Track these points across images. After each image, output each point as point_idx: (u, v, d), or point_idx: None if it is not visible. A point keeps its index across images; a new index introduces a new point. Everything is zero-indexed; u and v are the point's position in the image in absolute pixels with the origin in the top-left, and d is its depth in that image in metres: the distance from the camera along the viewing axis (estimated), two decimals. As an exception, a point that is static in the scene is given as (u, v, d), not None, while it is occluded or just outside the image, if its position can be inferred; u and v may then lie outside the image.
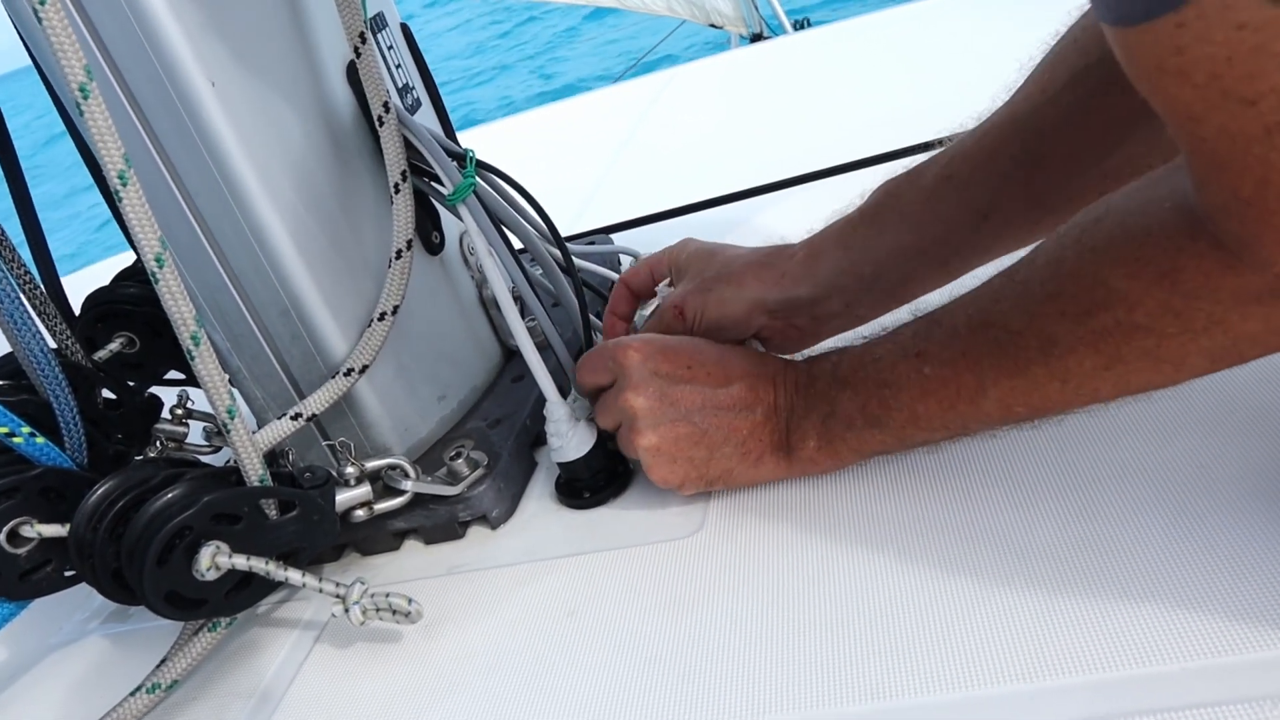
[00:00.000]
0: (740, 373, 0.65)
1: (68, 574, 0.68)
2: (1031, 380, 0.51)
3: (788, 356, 0.68)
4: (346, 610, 0.63)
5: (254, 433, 0.65)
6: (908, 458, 0.64)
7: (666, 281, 0.77)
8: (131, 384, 0.80)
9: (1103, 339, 0.47)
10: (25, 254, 0.74)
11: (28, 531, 0.64)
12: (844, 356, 0.62)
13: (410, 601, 0.63)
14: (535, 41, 13.26)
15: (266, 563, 0.63)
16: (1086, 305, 0.48)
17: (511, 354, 0.86)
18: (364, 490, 0.70)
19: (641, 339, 0.67)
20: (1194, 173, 0.42)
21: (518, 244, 0.76)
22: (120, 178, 0.56)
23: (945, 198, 0.66)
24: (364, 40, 0.66)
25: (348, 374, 0.69)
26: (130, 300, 0.82)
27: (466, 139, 0.81)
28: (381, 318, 0.70)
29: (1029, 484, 0.59)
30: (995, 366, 0.53)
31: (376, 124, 0.68)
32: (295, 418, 0.69)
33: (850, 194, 1.05)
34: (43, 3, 0.52)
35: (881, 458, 0.64)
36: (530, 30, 13.83)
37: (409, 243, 0.70)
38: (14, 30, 0.65)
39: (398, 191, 0.69)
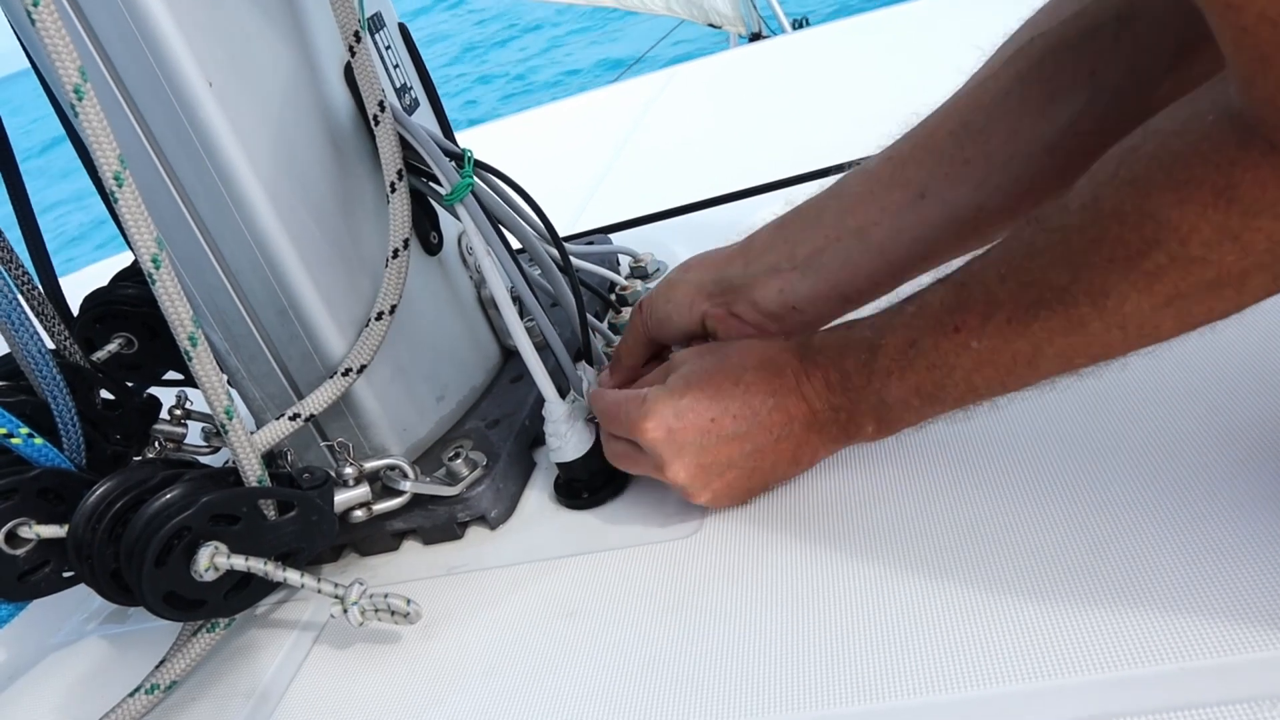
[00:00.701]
0: (764, 395, 0.61)
1: (66, 575, 0.67)
2: (1089, 335, 0.49)
3: (792, 346, 0.64)
4: (345, 611, 0.63)
5: (252, 433, 0.65)
6: (909, 460, 0.64)
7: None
8: (130, 385, 0.79)
9: (1158, 279, 0.44)
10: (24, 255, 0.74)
11: (26, 532, 0.64)
12: (877, 351, 0.58)
13: (409, 602, 0.63)
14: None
15: (265, 563, 0.63)
16: (1137, 246, 0.44)
17: (510, 354, 0.86)
18: (362, 491, 0.70)
19: (653, 412, 0.62)
20: (1240, 71, 0.39)
21: (516, 244, 0.76)
22: (116, 178, 0.56)
23: (882, 179, 0.64)
24: (359, 39, 0.65)
25: (346, 374, 0.69)
26: (128, 301, 0.82)
27: (464, 138, 0.81)
28: (379, 317, 0.70)
29: (1029, 486, 0.59)
30: (1047, 328, 0.50)
31: (372, 123, 0.68)
32: (293, 418, 0.69)
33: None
34: (35, 4, 0.52)
35: (885, 456, 0.65)
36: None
37: (406, 242, 0.70)
38: (12, 32, 0.65)
39: (394, 190, 0.69)
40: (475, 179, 0.70)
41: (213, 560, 0.61)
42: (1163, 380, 0.63)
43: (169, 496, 0.60)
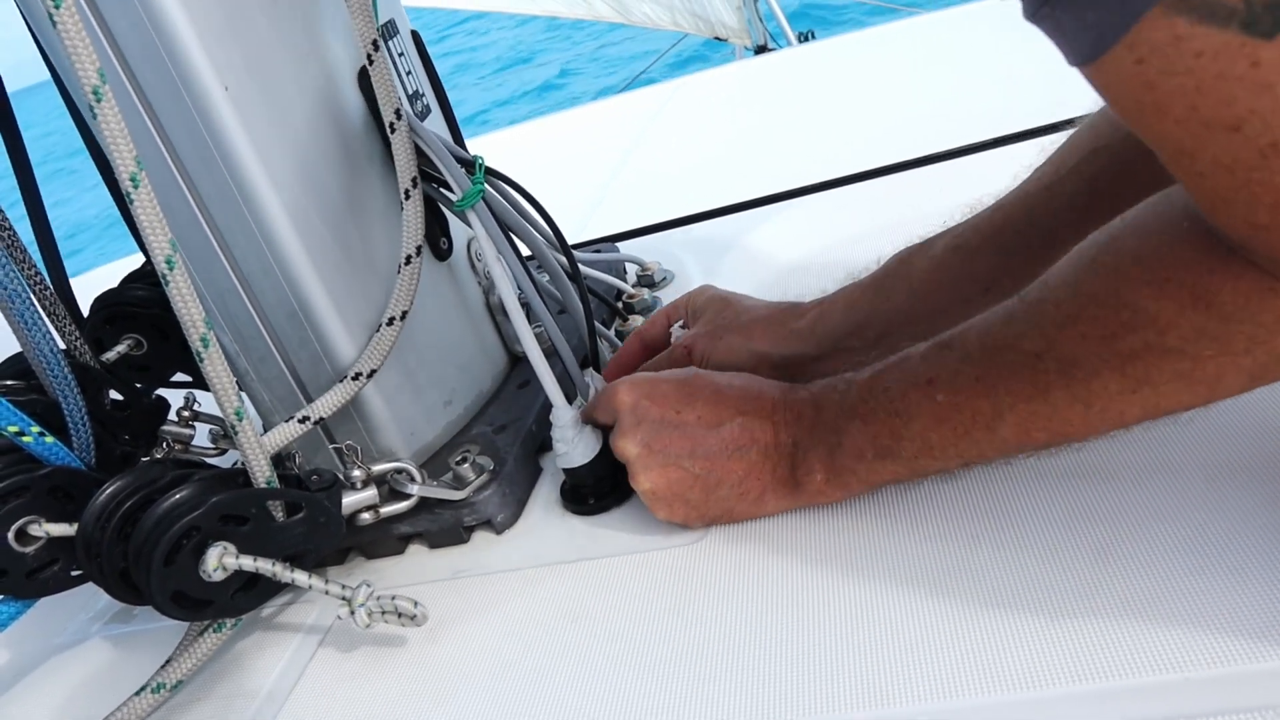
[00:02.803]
0: (734, 412, 0.63)
1: (74, 573, 0.68)
2: (1051, 404, 0.49)
3: (791, 385, 0.66)
4: (352, 612, 0.63)
5: (261, 435, 0.65)
6: (912, 466, 0.64)
7: (680, 324, 0.79)
8: (138, 386, 0.80)
9: (1130, 362, 0.45)
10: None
11: (36, 530, 0.64)
12: (851, 387, 0.61)
13: (416, 604, 0.63)
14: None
15: (273, 564, 0.63)
16: (1111, 328, 0.46)
17: (517, 360, 0.86)
18: (370, 494, 0.70)
19: (633, 381, 0.66)
20: (1203, 208, 0.41)
21: (525, 251, 0.77)
22: (132, 180, 0.57)
23: (951, 267, 0.67)
24: (376, 48, 0.66)
25: (355, 378, 0.70)
26: (138, 302, 0.82)
27: (473, 146, 0.81)
28: (390, 323, 0.70)
29: (1033, 497, 0.59)
30: (1011, 391, 0.51)
31: (388, 130, 0.68)
32: (302, 421, 0.69)
33: (852, 205, 1.07)
34: (57, 6, 0.52)
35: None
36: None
37: (418, 248, 0.70)
38: (32, 43, 0.66)
39: (408, 197, 0.70)
40: (486, 185, 0.70)
41: (221, 560, 0.61)
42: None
43: (179, 496, 0.61)
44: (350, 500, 0.69)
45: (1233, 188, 0.38)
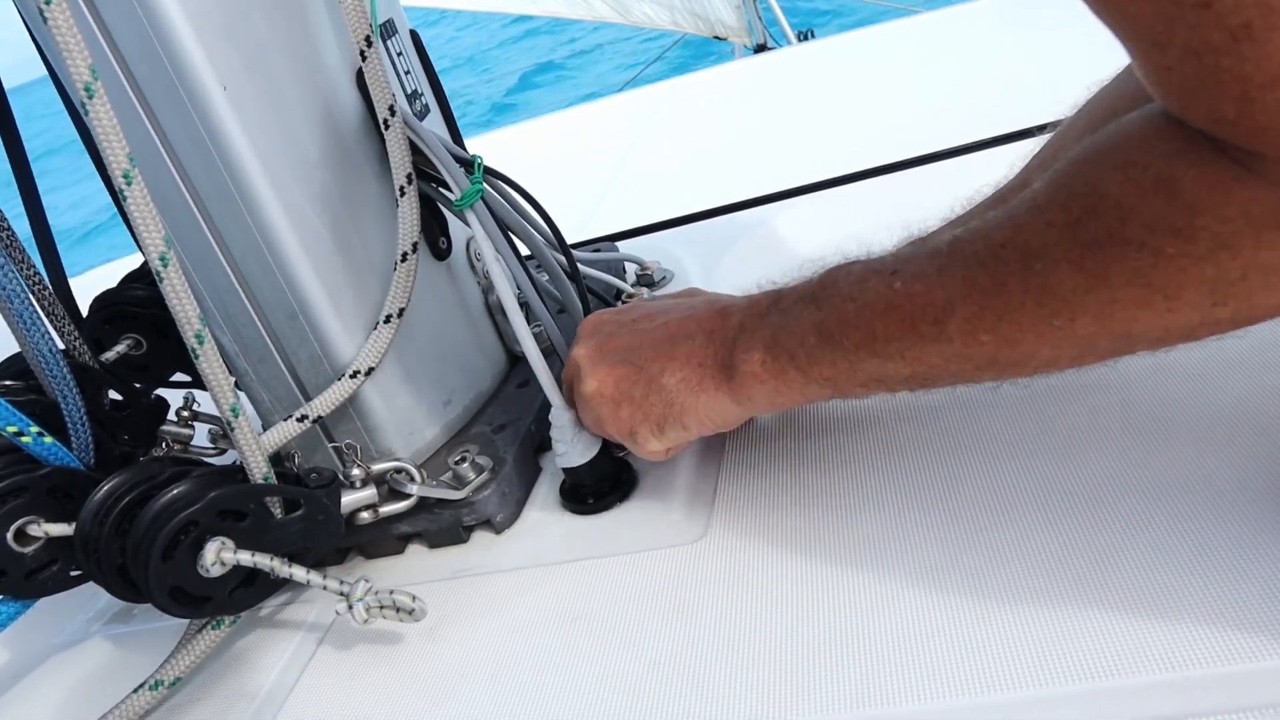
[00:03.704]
0: (682, 308, 0.62)
1: (73, 573, 0.68)
2: (1005, 299, 0.46)
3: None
4: (350, 608, 0.63)
5: (259, 434, 0.65)
6: (913, 468, 0.64)
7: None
8: (137, 386, 0.80)
9: (1089, 253, 0.42)
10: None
11: (35, 530, 0.64)
12: (816, 274, 0.58)
13: (414, 599, 0.63)
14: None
15: (271, 559, 0.63)
16: (1076, 213, 0.43)
17: (517, 359, 0.86)
18: (369, 493, 0.70)
19: (602, 311, 0.68)
20: (1173, 108, 0.39)
21: (524, 250, 0.77)
22: (125, 177, 0.56)
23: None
24: (369, 44, 0.66)
25: (353, 376, 0.70)
26: (137, 302, 0.82)
27: (472, 145, 0.81)
28: (387, 320, 0.70)
29: (1034, 494, 0.59)
30: (968, 281, 0.48)
31: (382, 127, 0.68)
32: (300, 419, 0.69)
33: (852, 204, 1.07)
34: (48, 2, 0.52)
35: (888, 462, 0.64)
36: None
37: (415, 245, 0.70)
38: (29, 39, 0.66)
39: (403, 194, 0.70)
40: (485, 185, 0.70)
41: (219, 555, 0.61)
42: (1167, 391, 0.63)
43: (177, 491, 0.60)
44: (349, 499, 0.69)
45: (1199, 76, 0.36)
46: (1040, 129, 1.01)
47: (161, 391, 0.84)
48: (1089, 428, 0.62)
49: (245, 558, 0.62)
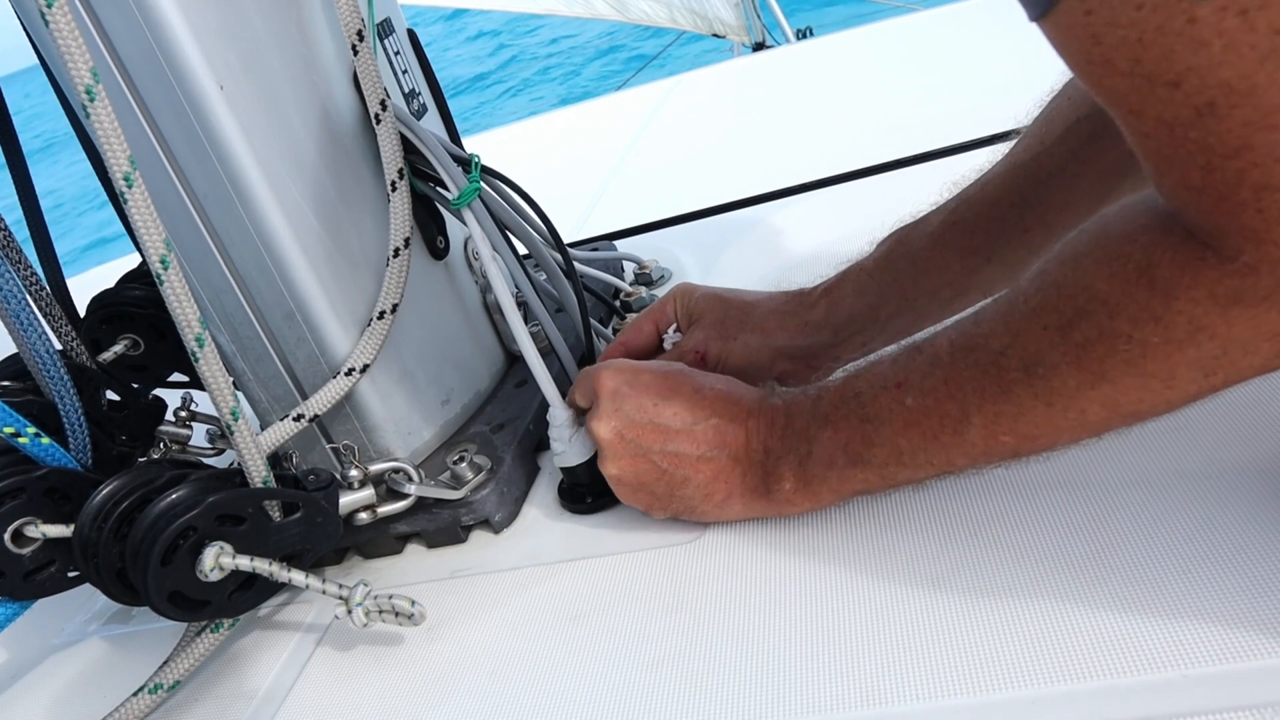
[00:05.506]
0: (709, 414, 0.63)
1: (71, 574, 0.68)
2: (1015, 404, 0.49)
3: (768, 390, 0.66)
4: (350, 612, 0.63)
5: (257, 435, 0.65)
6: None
7: (674, 328, 0.78)
8: (135, 386, 0.80)
9: (1085, 352, 0.45)
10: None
11: (32, 531, 0.64)
12: (824, 393, 0.60)
13: (413, 603, 0.63)
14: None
15: (270, 564, 0.63)
16: (1068, 315, 0.46)
17: (515, 359, 0.86)
18: (367, 493, 0.70)
19: (617, 367, 0.66)
20: (1148, 170, 0.42)
21: (522, 249, 0.77)
22: (126, 179, 0.56)
23: (950, 243, 0.67)
24: (361, 38, 0.66)
25: (349, 374, 0.70)
26: (135, 303, 0.82)
27: (470, 145, 0.81)
28: (381, 316, 0.70)
29: (1033, 493, 0.59)
30: (978, 391, 0.51)
31: (374, 122, 0.68)
32: (297, 418, 0.69)
33: (850, 202, 1.07)
34: (49, 5, 0.52)
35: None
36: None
37: (406, 240, 0.70)
38: (21, 30, 0.66)
39: (394, 190, 0.70)
40: (482, 184, 0.70)
41: (218, 560, 0.61)
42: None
43: (175, 496, 0.60)
44: (347, 500, 0.69)
45: (1172, 145, 0.39)
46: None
47: (159, 391, 0.84)
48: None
49: (244, 563, 0.62)
